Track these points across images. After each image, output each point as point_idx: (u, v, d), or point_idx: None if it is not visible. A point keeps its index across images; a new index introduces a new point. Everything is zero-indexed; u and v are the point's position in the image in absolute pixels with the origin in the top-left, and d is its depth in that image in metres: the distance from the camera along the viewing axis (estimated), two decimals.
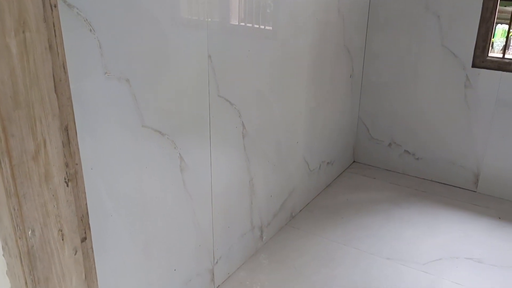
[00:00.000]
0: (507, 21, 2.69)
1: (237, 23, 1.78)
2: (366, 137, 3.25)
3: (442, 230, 2.48)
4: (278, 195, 2.36)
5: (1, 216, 0.89)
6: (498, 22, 2.74)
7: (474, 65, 2.71)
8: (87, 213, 1.04)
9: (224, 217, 1.94)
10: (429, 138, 2.99)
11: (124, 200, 1.40)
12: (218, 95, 1.74)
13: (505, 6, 2.72)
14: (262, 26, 1.95)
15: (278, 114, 2.19)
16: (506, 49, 2.70)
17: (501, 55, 2.67)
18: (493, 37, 2.71)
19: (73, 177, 0.98)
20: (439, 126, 2.93)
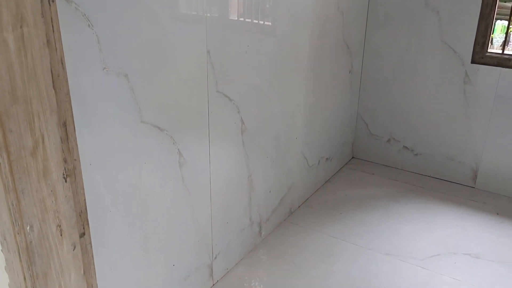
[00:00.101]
0: (506, 17, 2.69)
1: (236, 18, 1.78)
2: (365, 133, 3.25)
3: (440, 226, 2.48)
4: (277, 190, 2.37)
5: None
6: (497, 18, 2.74)
7: (473, 61, 2.70)
8: (86, 208, 1.04)
9: (223, 212, 1.94)
10: (428, 134, 2.99)
11: (123, 196, 1.40)
12: (217, 91, 1.73)
13: (505, 1, 2.71)
14: (261, 22, 1.94)
15: (277, 110, 2.19)
16: (506, 45, 2.70)
17: (500, 51, 2.67)
18: (493, 33, 2.70)
19: (71, 173, 0.98)
20: (438, 122, 2.93)
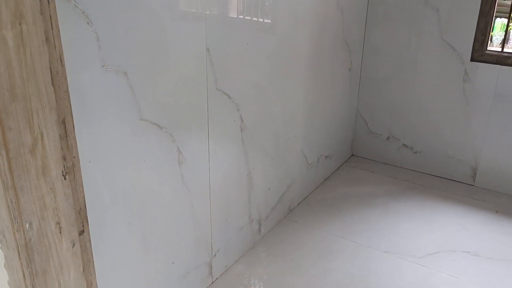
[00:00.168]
0: (506, 15, 2.69)
1: (235, 16, 1.78)
2: (365, 130, 3.25)
3: (440, 224, 2.49)
4: (276, 188, 2.37)
5: None
6: (497, 16, 2.74)
7: (472, 59, 2.70)
8: (85, 206, 1.04)
9: (222, 210, 1.94)
10: (427, 132, 2.99)
11: (122, 193, 1.40)
12: (216, 88, 1.73)
13: None
14: (260, 19, 1.94)
15: (277, 108, 2.19)
16: (505, 43, 2.70)
17: (500, 49, 2.67)
18: (492, 31, 2.70)
19: (70, 170, 0.98)
20: (437, 120, 2.93)
